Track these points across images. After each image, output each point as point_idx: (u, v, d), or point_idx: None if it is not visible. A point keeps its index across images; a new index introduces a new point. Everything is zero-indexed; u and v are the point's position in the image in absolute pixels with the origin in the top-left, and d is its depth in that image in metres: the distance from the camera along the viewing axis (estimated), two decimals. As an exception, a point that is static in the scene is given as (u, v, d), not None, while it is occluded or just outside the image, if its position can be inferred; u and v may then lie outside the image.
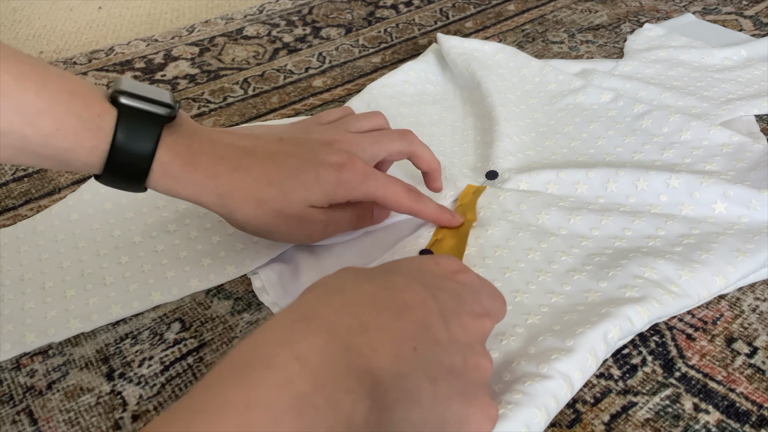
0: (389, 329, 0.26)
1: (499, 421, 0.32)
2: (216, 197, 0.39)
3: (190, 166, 0.38)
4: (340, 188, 0.40)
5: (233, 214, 0.40)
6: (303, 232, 0.42)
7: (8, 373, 0.40)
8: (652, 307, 0.38)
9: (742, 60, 0.65)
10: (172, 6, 0.95)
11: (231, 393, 0.22)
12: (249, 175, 0.39)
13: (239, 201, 0.39)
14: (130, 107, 0.36)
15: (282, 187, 0.39)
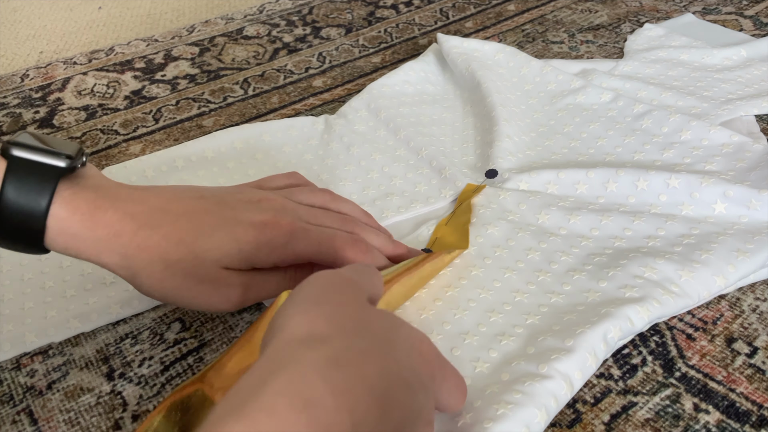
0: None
1: (499, 420, 0.32)
2: (119, 258, 0.35)
3: (90, 223, 0.34)
4: (261, 250, 0.36)
5: (138, 277, 0.35)
6: (218, 298, 0.37)
7: (8, 373, 0.40)
8: (652, 307, 0.38)
9: (742, 60, 0.65)
10: (172, 6, 0.95)
11: None
12: (157, 233, 0.35)
13: (145, 263, 0.35)
14: (22, 159, 0.33)
15: (193, 247, 0.35)
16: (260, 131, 0.59)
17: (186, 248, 0.35)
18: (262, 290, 0.38)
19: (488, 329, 0.39)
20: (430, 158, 0.54)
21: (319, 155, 0.57)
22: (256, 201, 0.38)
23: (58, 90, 0.71)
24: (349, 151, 0.56)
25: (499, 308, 0.40)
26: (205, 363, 0.40)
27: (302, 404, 0.21)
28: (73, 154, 0.34)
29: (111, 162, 0.59)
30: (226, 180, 0.54)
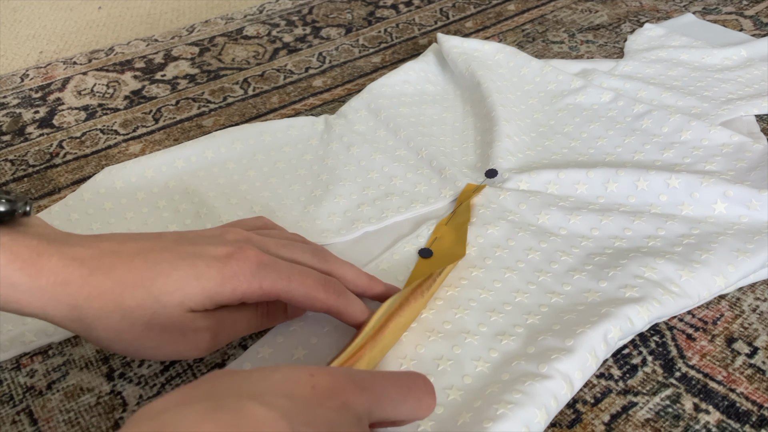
0: None
1: (499, 420, 0.32)
2: (68, 309, 0.31)
3: (33, 270, 0.30)
4: (226, 285, 0.32)
5: (92, 330, 0.31)
6: (185, 345, 0.33)
7: (8, 373, 0.40)
8: (652, 307, 0.38)
9: (742, 60, 0.65)
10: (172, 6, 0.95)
11: None
12: (109, 278, 0.31)
13: (98, 313, 0.31)
14: None
15: (152, 289, 0.31)
16: (260, 131, 0.59)
17: (144, 292, 0.31)
18: (233, 331, 0.35)
19: (489, 329, 0.39)
20: (430, 158, 0.54)
21: (319, 155, 0.57)
22: (218, 234, 0.35)
23: (57, 90, 0.71)
24: (349, 151, 0.56)
25: (500, 308, 0.40)
26: (204, 363, 0.40)
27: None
28: (13, 199, 0.31)
29: (111, 162, 0.59)
30: (226, 180, 0.54)
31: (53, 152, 0.60)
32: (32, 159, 0.60)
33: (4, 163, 0.59)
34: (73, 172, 0.58)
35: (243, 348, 0.41)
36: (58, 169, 0.58)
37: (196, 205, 0.51)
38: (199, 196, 0.52)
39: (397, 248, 0.46)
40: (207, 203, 0.51)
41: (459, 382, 0.36)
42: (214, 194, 0.52)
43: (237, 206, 0.51)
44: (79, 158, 0.60)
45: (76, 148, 0.61)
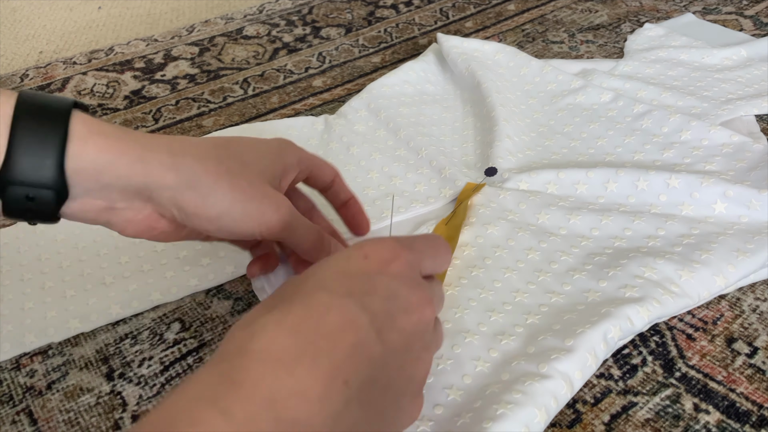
0: (316, 368, 0.25)
1: (499, 420, 0.32)
2: (167, 156, 0.34)
3: (121, 131, 0.33)
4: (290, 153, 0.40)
5: (208, 196, 0.34)
6: (268, 207, 0.37)
7: (8, 373, 0.40)
8: (652, 307, 0.38)
9: (742, 60, 0.65)
10: (172, 6, 0.95)
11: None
12: (205, 143, 0.36)
13: (212, 179, 0.35)
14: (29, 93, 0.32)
15: (242, 157, 0.37)
16: (260, 131, 0.59)
17: (242, 166, 0.36)
18: (300, 224, 0.39)
19: (489, 329, 0.39)
20: (430, 158, 0.54)
21: (319, 155, 0.57)
22: None
23: (57, 90, 0.71)
24: (349, 151, 0.56)
25: (500, 308, 0.40)
26: (205, 363, 0.40)
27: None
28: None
29: (111, 162, 0.59)
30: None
31: (53, 152, 0.60)
32: (32, 159, 0.59)
33: None
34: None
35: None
36: (58, 169, 0.58)
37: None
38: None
39: None
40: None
41: (459, 381, 0.36)
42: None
43: (237, 206, 0.51)
44: (79, 158, 0.59)
45: (76, 148, 0.61)
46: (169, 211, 0.35)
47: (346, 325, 0.26)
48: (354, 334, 0.26)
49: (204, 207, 0.34)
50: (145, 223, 0.35)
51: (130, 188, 0.33)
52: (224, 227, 0.35)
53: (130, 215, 0.35)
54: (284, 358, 0.24)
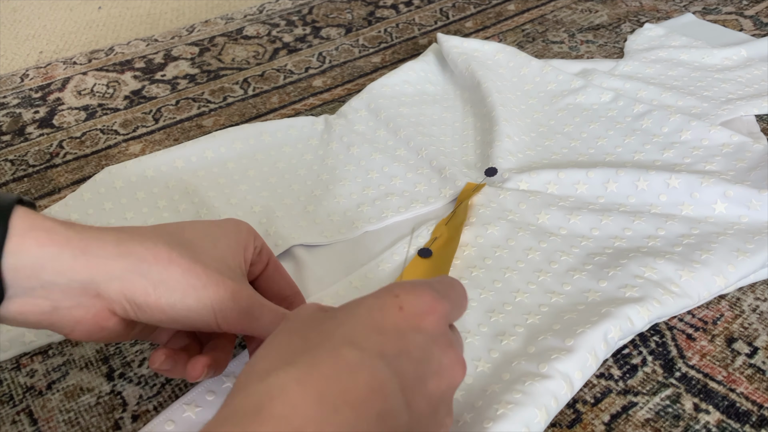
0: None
1: (499, 420, 0.32)
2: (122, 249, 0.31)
3: (72, 229, 0.30)
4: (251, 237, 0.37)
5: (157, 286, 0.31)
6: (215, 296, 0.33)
7: (8, 373, 0.40)
8: (652, 307, 0.38)
9: (742, 60, 0.65)
10: (172, 6, 0.95)
11: None
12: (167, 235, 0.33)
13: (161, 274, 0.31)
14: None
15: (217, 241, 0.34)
16: (260, 131, 0.59)
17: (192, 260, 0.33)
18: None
19: (489, 329, 0.39)
20: (430, 158, 0.54)
21: (319, 155, 0.57)
22: None
23: (57, 90, 0.71)
24: (349, 151, 0.56)
25: (500, 308, 0.40)
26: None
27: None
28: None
29: (111, 162, 0.59)
30: (226, 180, 0.54)
31: (53, 152, 0.60)
32: (32, 159, 0.60)
33: (4, 163, 0.59)
34: (73, 172, 0.58)
35: (242, 348, 0.41)
36: (58, 169, 0.58)
37: (196, 205, 0.51)
38: (199, 196, 0.52)
39: (397, 248, 0.46)
40: (207, 203, 0.51)
41: (459, 382, 0.36)
42: (214, 194, 0.52)
43: (237, 206, 0.51)
44: (79, 158, 0.60)
45: (76, 148, 0.61)
46: (120, 305, 0.31)
47: (375, 392, 0.24)
48: (382, 401, 0.24)
49: (155, 296, 0.31)
50: (94, 322, 0.32)
51: (74, 285, 0.30)
52: (179, 318, 0.32)
53: (79, 314, 0.31)
54: (307, 428, 0.22)
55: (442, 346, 0.28)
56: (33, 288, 0.29)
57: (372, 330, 0.26)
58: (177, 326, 0.33)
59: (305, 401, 0.23)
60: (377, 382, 0.24)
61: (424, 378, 0.26)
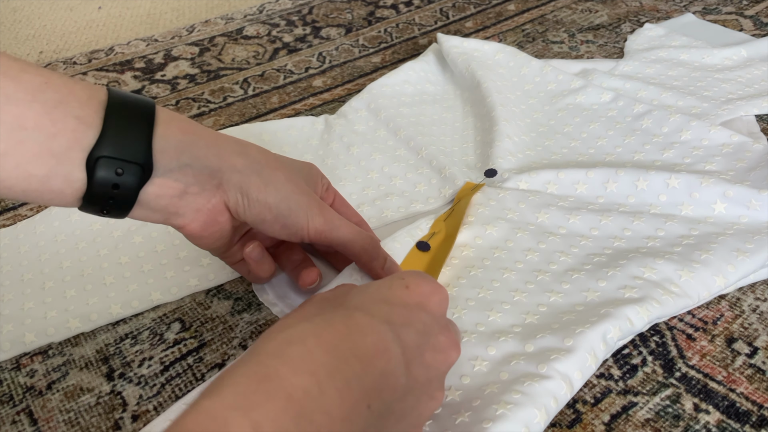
0: (346, 390, 0.25)
1: (499, 420, 0.32)
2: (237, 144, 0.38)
3: (205, 131, 0.37)
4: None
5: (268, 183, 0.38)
6: (316, 209, 0.40)
7: (8, 373, 0.40)
8: (652, 307, 0.38)
9: (742, 60, 0.65)
10: (172, 6, 0.95)
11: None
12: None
13: (272, 162, 0.38)
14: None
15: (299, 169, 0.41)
16: (260, 131, 0.59)
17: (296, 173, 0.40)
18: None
19: (487, 328, 0.39)
20: (430, 158, 0.54)
21: (319, 155, 0.57)
22: None
23: (58, 90, 0.71)
24: (349, 151, 0.56)
25: (498, 307, 0.40)
26: (205, 363, 0.40)
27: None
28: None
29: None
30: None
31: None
32: (32, 159, 0.59)
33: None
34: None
35: (243, 348, 0.41)
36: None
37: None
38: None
39: (398, 236, 0.46)
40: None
41: (457, 382, 0.36)
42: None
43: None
44: (79, 158, 0.59)
45: (76, 148, 0.61)
46: (234, 198, 0.37)
47: (380, 352, 0.27)
48: (386, 361, 0.27)
49: (266, 192, 0.37)
50: (210, 214, 0.37)
51: (204, 170, 0.35)
52: (280, 215, 0.38)
53: (200, 203, 0.36)
54: (318, 373, 0.25)
55: (442, 326, 0.31)
56: (171, 170, 0.34)
57: (381, 301, 0.30)
58: (274, 228, 0.38)
59: (320, 349, 0.26)
60: (383, 344, 0.28)
61: (423, 349, 0.29)
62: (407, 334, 0.29)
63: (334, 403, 0.25)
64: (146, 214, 0.36)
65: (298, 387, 0.24)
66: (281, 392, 0.24)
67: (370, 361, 0.27)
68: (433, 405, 0.31)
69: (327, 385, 0.25)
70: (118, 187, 0.33)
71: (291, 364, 0.25)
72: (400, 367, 0.28)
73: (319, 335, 0.26)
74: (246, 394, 0.24)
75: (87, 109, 0.32)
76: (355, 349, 0.27)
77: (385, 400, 0.27)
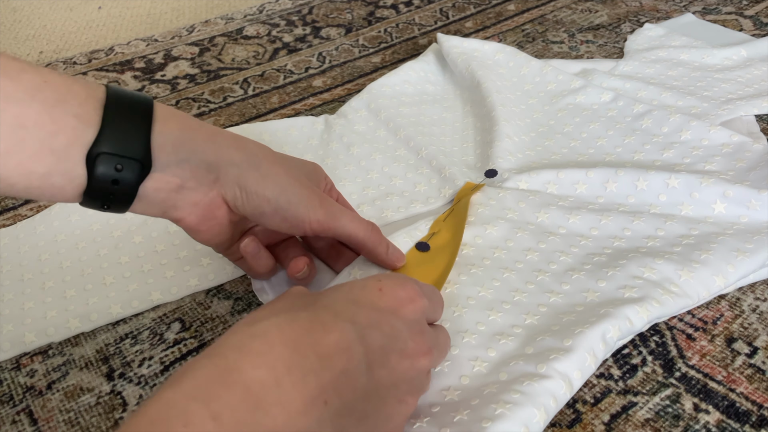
0: (303, 384, 0.26)
1: (498, 420, 0.32)
2: (234, 140, 0.38)
3: (205, 126, 0.37)
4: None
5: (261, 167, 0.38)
6: (317, 200, 0.40)
7: (8, 373, 0.40)
8: (652, 307, 0.38)
9: (742, 60, 0.65)
10: (172, 6, 0.95)
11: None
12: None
13: (268, 157, 0.39)
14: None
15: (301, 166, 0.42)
16: (260, 131, 0.59)
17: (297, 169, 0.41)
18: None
19: (487, 328, 0.39)
20: (430, 158, 0.54)
21: (319, 155, 0.57)
22: None
23: (58, 90, 0.71)
24: (349, 151, 0.56)
25: (498, 307, 0.40)
26: (203, 352, 0.40)
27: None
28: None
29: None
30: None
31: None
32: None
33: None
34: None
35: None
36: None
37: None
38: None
39: (397, 237, 0.46)
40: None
41: (456, 382, 0.36)
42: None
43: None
44: (79, 158, 0.59)
45: (76, 148, 0.61)
46: (232, 191, 0.37)
47: (342, 350, 0.28)
48: (346, 360, 0.28)
49: (264, 185, 0.37)
50: (208, 208, 0.37)
51: (201, 165, 0.36)
52: (279, 208, 0.38)
53: (196, 198, 0.37)
54: (277, 367, 0.26)
55: (413, 332, 0.31)
56: (169, 165, 0.35)
57: (349, 302, 0.30)
58: (274, 221, 0.38)
59: (281, 344, 0.27)
60: (345, 342, 0.28)
61: (388, 352, 0.30)
62: (372, 336, 0.29)
63: (290, 397, 0.25)
64: (145, 208, 0.36)
65: (256, 380, 0.25)
66: (240, 384, 0.25)
67: (329, 358, 0.27)
68: (403, 409, 0.31)
69: (284, 380, 0.26)
70: (118, 183, 0.33)
71: (251, 358, 0.26)
72: (361, 367, 0.28)
73: (282, 330, 0.27)
74: (206, 385, 0.24)
75: (86, 107, 0.33)
76: (315, 346, 0.27)
77: (345, 399, 0.27)
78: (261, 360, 0.26)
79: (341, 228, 0.40)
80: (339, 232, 0.40)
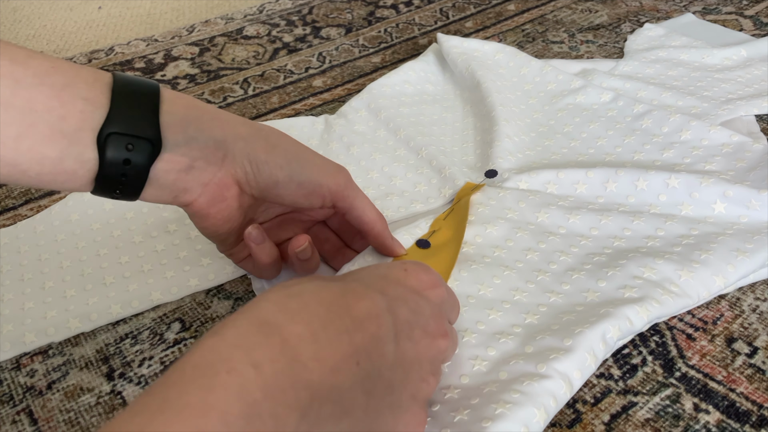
0: (337, 342, 0.27)
1: (498, 420, 0.32)
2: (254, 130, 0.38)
3: (212, 109, 0.38)
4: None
5: (275, 149, 0.38)
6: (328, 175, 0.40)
7: (8, 373, 0.40)
8: (652, 307, 0.38)
9: (742, 60, 0.65)
10: (172, 6, 0.95)
11: (190, 394, 0.22)
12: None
13: (281, 137, 0.39)
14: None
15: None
16: (260, 131, 0.59)
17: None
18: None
19: (487, 327, 0.39)
20: (430, 158, 0.54)
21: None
22: None
23: (58, 90, 0.71)
24: (349, 151, 0.56)
25: (498, 306, 0.40)
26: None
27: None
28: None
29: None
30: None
31: (53, 152, 0.60)
32: (32, 159, 0.59)
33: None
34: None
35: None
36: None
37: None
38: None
39: (396, 235, 0.46)
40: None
41: (456, 381, 0.36)
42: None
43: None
44: (79, 158, 0.59)
45: (76, 148, 0.61)
46: (242, 168, 0.38)
47: (372, 317, 0.29)
48: (377, 327, 0.29)
49: (274, 154, 0.38)
50: (218, 189, 0.38)
51: (210, 142, 0.36)
52: (294, 173, 0.38)
53: (206, 177, 0.37)
54: (313, 324, 0.27)
55: (435, 314, 0.32)
56: (178, 144, 0.35)
57: (379, 277, 0.32)
58: (289, 189, 0.38)
59: (316, 303, 0.28)
60: (376, 310, 0.29)
61: (413, 326, 0.31)
62: (400, 308, 0.30)
63: (325, 352, 0.26)
64: (155, 193, 0.36)
65: (294, 334, 0.26)
66: (278, 337, 0.25)
67: (361, 322, 0.28)
68: (425, 388, 0.31)
69: (320, 335, 0.26)
70: (129, 163, 0.34)
71: (288, 313, 0.27)
72: (390, 335, 0.29)
73: (317, 293, 0.28)
74: (247, 335, 0.25)
75: (94, 90, 0.33)
76: (348, 308, 0.28)
77: (375, 363, 0.28)
78: (298, 316, 0.27)
79: (357, 199, 0.41)
80: (355, 204, 0.40)
